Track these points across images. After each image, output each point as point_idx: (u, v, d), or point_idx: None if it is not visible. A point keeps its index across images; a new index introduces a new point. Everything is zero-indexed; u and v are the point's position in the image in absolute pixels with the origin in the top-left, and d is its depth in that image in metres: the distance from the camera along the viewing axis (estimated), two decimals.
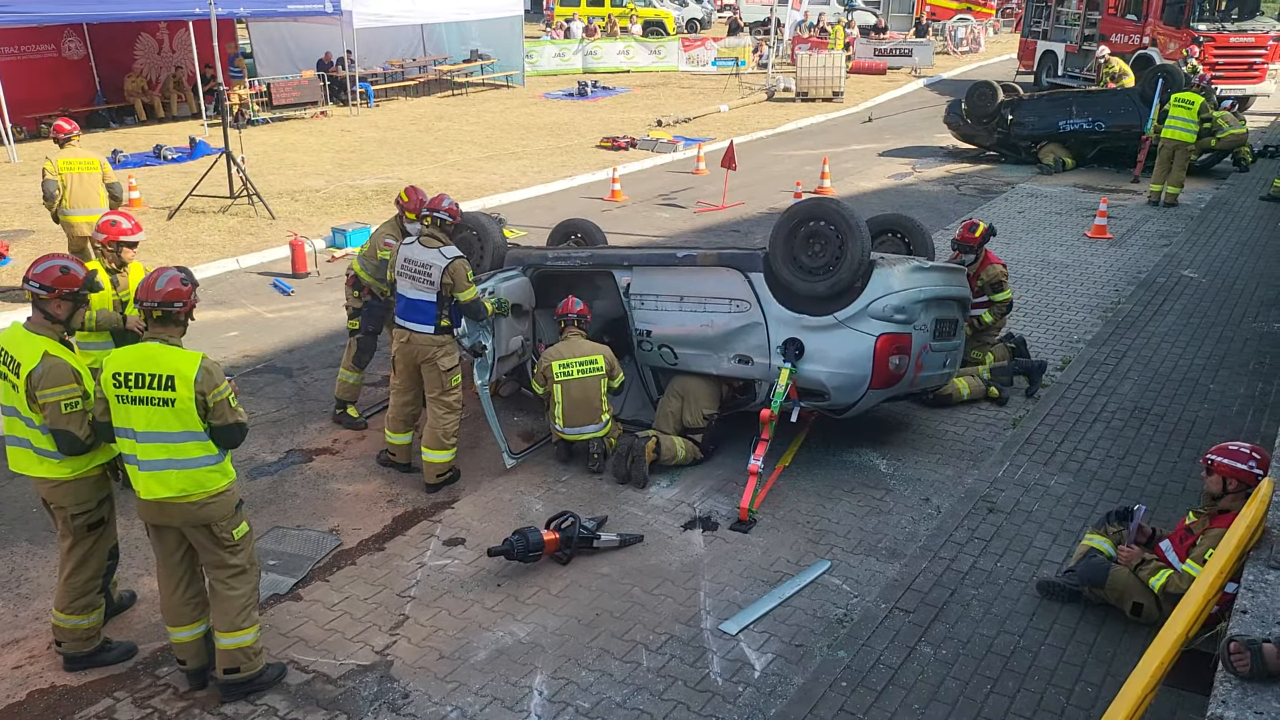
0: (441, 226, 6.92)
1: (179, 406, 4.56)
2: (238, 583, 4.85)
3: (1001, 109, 17.79)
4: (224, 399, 4.64)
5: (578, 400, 7.19)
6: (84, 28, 20.72)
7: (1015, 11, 41.87)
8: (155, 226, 13.39)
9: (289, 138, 20.11)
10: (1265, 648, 3.55)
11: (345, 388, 8.05)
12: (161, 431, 4.58)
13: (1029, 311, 10.43)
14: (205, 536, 4.78)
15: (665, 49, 32.38)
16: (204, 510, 4.71)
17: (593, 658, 5.28)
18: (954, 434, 7.86)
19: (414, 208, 7.68)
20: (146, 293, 4.66)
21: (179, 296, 4.68)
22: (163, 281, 4.67)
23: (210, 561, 4.85)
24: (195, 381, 4.55)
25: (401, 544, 6.36)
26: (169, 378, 4.55)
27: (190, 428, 4.60)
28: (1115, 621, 5.41)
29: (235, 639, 4.87)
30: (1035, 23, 27.93)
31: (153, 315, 4.68)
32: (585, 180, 16.87)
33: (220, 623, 4.87)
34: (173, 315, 4.69)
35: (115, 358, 4.68)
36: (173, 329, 4.72)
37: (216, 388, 4.61)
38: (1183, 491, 6.75)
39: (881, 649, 5.23)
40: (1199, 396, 8.29)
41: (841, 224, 6.81)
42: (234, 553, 4.83)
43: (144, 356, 4.62)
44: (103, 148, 18.17)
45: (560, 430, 7.27)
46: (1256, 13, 23.19)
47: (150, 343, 4.68)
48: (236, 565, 4.84)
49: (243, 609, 4.87)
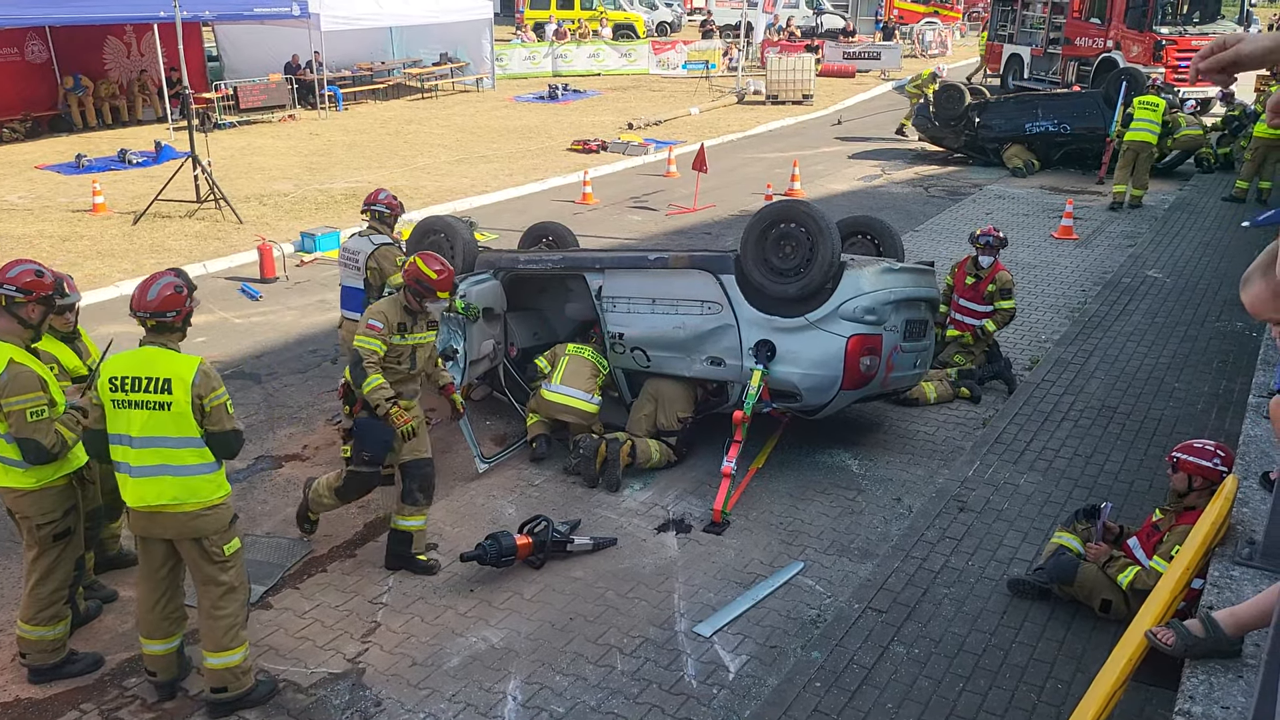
0: (381, 219, 7.40)
1: (176, 410, 4.50)
2: (226, 602, 4.75)
3: (969, 111, 17.96)
4: (221, 404, 4.59)
5: (576, 370, 7.40)
6: (47, 31, 20.43)
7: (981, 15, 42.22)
8: (120, 231, 13.23)
9: (256, 141, 19.93)
10: (1188, 623, 3.78)
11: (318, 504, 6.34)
12: (158, 436, 4.52)
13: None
14: (196, 551, 4.69)
15: (636, 52, 32.41)
16: (197, 522, 4.63)
17: (567, 662, 5.26)
18: (925, 434, 7.91)
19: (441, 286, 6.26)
20: (139, 303, 4.59)
21: (172, 305, 4.61)
22: (153, 292, 4.59)
23: (199, 578, 4.76)
24: (193, 385, 4.50)
25: (373, 550, 6.31)
26: (166, 381, 4.50)
27: (187, 433, 4.54)
28: (1084, 618, 5.46)
29: (223, 659, 4.78)
30: (1001, 26, 28.22)
31: (147, 325, 4.61)
32: (556, 183, 16.85)
33: (208, 642, 4.78)
34: (167, 324, 4.62)
35: (112, 363, 4.63)
36: (170, 335, 4.66)
37: (214, 392, 4.57)
38: (1149, 489, 6.83)
39: (855, 649, 5.25)
40: (1164, 395, 8.40)
41: (812, 226, 6.84)
42: (224, 569, 4.74)
43: (141, 360, 4.57)
44: (66, 152, 18.00)
45: (549, 389, 7.37)
46: (1218, 16, 23.54)
47: (148, 347, 4.62)
48: (225, 583, 4.75)
49: (230, 629, 4.77)
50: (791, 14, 38.68)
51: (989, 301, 8.85)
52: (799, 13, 39.85)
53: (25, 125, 19.99)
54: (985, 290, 8.85)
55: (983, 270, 8.89)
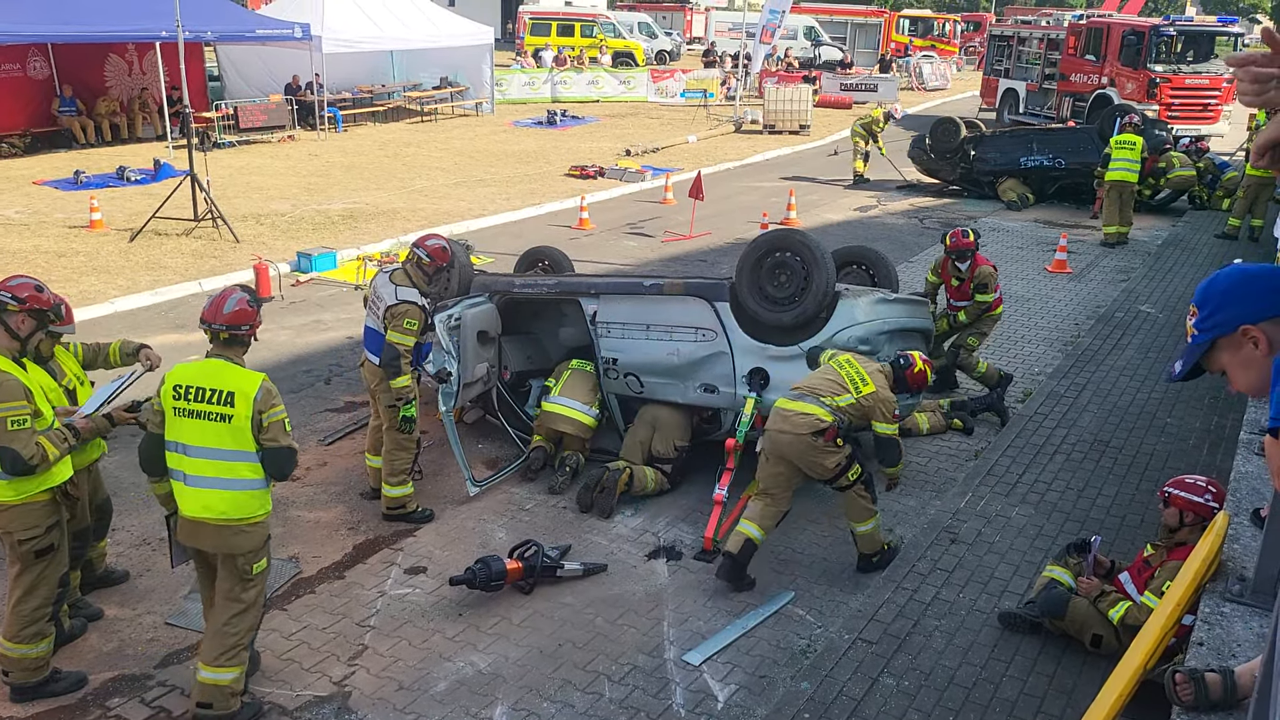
0: (419, 264, 6.82)
1: (235, 424, 4.62)
2: (239, 621, 4.80)
3: (964, 144, 18.10)
4: (279, 421, 4.70)
5: (578, 383, 7.48)
6: (49, 48, 20.52)
7: (978, 50, 42.70)
8: (117, 248, 13.23)
9: (255, 161, 19.98)
10: (1208, 677, 3.60)
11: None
12: (215, 448, 4.64)
13: (992, 344, 10.54)
14: (229, 566, 4.77)
15: (634, 79, 32.64)
16: (237, 538, 4.72)
17: (555, 689, 5.22)
18: (917, 465, 7.91)
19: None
20: (214, 315, 4.77)
21: (246, 319, 4.83)
22: (230, 304, 4.79)
23: (221, 591, 4.82)
24: (255, 400, 4.62)
25: (362, 572, 6.28)
26: (230, 394, 4.63)
27: (244, 447, 4.66)
28: (1075, 653, 5.44)
29: (216, 675, 4.77)
30: (998, 61, 28.51)
31: (219, 337, 4.79)
32: (553, 208, 16.90)
33: (208, 654, 4.79)
34: (239, 338, 4.83)
35: (177, 372, 4.77)
36: (237, 349, 4.84)
37: (274, 408, 4.68)
38: (1141, 524, 6.83)
39: (844, 680, 5.22)
40: (1156, 430, 8.41)
41: (807, 255, 6.87)
42: (246, 588, 4.80)
43: (207, 372, 4.73)
44: (65, 168, 18.02)
45: (549, 400, 7.47)
46: (1211, 55, 23.81)
47: (214, 359, 4.78)
48: (245, 601, 4.80)
49: (234, 647, 4.79)
50: (790, 45, 39.06)
51: (970, 297, 9.02)
52: (797, 44, 40.25)
53: (25, 141, 20.02)
54: (970, 290, 8.98)
55: (963, 272, 9.00)
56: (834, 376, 6.17)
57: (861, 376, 6.13)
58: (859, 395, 6.06)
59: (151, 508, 6.91)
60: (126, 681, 5.22)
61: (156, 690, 5.15)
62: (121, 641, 5.54)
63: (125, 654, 5.44)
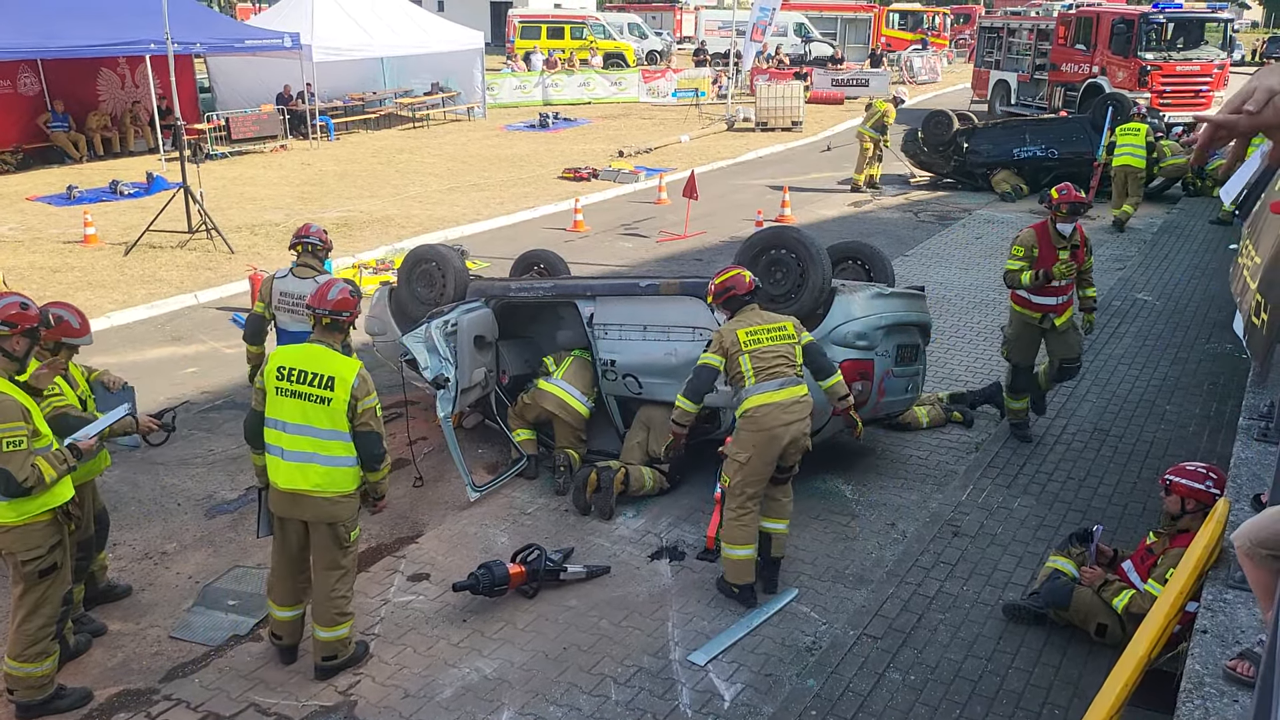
0: (314, 252, 7.15)
1: (333, 406, 5.00)
2: (342, 584, 5.23)
3: (957, 137, 18.10)
4: (372, 407, 5.07)
5: (579, 371, 7.57)
6: (38, 63, 20.50)
7: (968, 42, 42.70)
8: (112, 262, 13.21)
9: (248, 172, 19.97)
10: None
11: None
12: (313, 426, 5.02)
13: (989, 335, 10.56)
14: (329, 535, 5.14)
15: (626, 80, 32.63)
16: (335, 507, 5.09)
17: (561, 692, 5.22)
18: (918, 458, 7.91)
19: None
20: (320, 301, 5.17)
21: (347, 306, 5.22)
22: (334, 292, 5.19)
23: (324, 563, 5.19)
24: (353, 386, 5.00)
25: (365, 580, 6.26)
26: (330, 378, 5.01)
27: (338, 427, 5.03)
28: (1080, 644, 5.44)
29: (333, 633, 5.24)
30: (988, 53, 28.51)
31: (322, 322, 5.18)
32: (548, 211, 16.90)
33: (321, 618, 5.21)
34: (339, 324, 5.21)
35: (281, 353, 5.21)
36: (336, 335, 5.22)
37: (368, 395, 5.06)
38: (1143, 512, 6.83)
39: (850, 676, 5.22)
40: (1156, 418, 8.42)
41: (802, 252, 6.87)
42: (345, 553, 5.22)
43: (309, 355, 5.11)
44: (57, 184, 18.01)
45: (548, 380, 7.54)
46: (1201, 43, 23.82)
47: (316, 345, 5.14)
48: (345, 567, 5.23)
49: (343, 609, 5.24)
50: (780, 42, 39.04)
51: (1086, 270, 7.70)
52: (788, 41, 40.24)
53: (17, 157, 19.99)
54: (1085, 258, 7.62)
55: (1071, 237, 7.52)
56: (776, 351, 5.85)
57: (779, 326, 5.93)
58: (800, 341, 5.98)
59: (152, 522, 6.94)
60: (131, 696, 5.21)
61: (162, 705, 5.14)
62: (126, 656, 5.53)
63: (130, 669, 5.43)
